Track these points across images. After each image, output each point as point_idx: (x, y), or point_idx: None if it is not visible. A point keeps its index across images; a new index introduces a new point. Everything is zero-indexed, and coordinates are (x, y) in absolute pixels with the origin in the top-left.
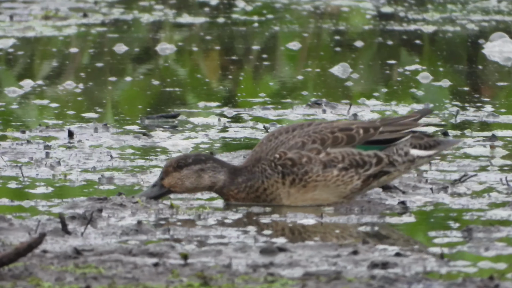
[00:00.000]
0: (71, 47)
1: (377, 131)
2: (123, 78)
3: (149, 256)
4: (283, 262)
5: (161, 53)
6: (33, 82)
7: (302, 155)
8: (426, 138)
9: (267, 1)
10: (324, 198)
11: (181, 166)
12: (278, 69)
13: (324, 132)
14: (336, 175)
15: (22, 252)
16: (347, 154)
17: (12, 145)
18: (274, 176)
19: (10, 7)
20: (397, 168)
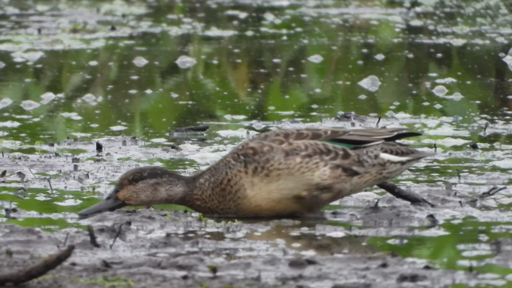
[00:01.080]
0: (96, 60)
1: (346, 133)
2: (150, 91)
3: (178, 269)
4: (312, 274)
5: (181, 66)
6: (54, 95)
7: (263, 144)
8: (398, 145)
9: (296, 14)
10: (291, 187)
11: (136, 180)
12: (307, 82)
13: (290, 130)
14: (299, 162)
15: (51, 264)
16: (310, 144)
17: (40, 157)
18: (237, 166)
19: (38, 20)
20: (367, 169)
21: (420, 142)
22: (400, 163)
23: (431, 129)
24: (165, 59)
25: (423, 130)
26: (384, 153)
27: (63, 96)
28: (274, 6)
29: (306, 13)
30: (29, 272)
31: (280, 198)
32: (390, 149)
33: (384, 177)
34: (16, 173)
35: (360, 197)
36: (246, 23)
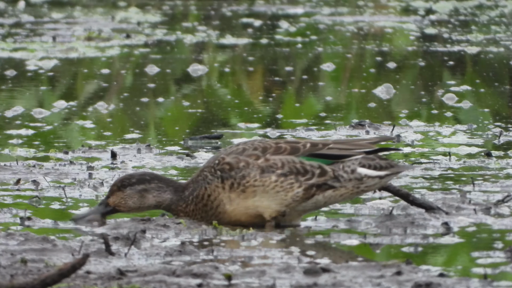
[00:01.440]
0: (110, 68)
1: (325, 147)
2: (164, 99)
3: (193, 276)
4: (327, 282)
5: (193, 74)
6: (66, 103)
7: (240, 160)
8: (378, 159)
9: (311, 22)
10: (266, 205)
11: (124, 186)
12: (321, 90)
13: (268, 143)
14: (274, 180)
15: (65, 273)
16: (288, 162)
17: (55, 165)
18: (214, 181)
19: (53, 28)
20: (342, 184)
21: (435, 150)
22: (378, 177)
23: (445, 137)
24: (177, 67)
25: (438, 138)
26: (361, 168)
27: (77, 104)
28: (289, 14)
29: (321, 21)
30: (44, 280)
31: (256, 214)
32: (369, 163)
33: (362, 190)
34: (31, 181)
35: (375, 205)
36: (261, 31)
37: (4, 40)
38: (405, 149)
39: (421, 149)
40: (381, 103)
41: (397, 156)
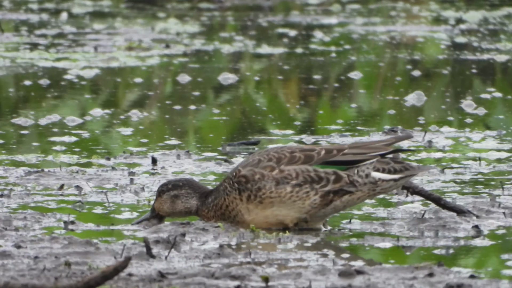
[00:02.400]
0: (151, 77)
1: (340, 152)
2: (197, 107)
3: (231, 279)
4: (361, 284)
5: (223, 82)
6: (102, 111)
7: (255, 172)
8: (392, 163)
9: (344, 32)
10: (285, 214)
11: (163, 191)
12: (355, 97)
13: (283, 152)
14: (290, 191)
15: (108, 275)
16: (302, 171)
17: (97, 171)
18: (232, 193)
19: (95, 39)
20: (358, 188)
21: (465, 155)
22: (393, 180)
23: (475, 143)
24: (210, 76)
25: (468, 143)
26: (375, 172)
27: (116, 112)
28: (323, 24)
29: (354, 31)
30: (88, 283)
31: (277, 222)
32: (383, 167)
33: (379, 192)
34: (74, 186)
35: (407, 209)
36: (296, 40)
37: (47, 50)
38: (436, 154)
39: (452, 154)
40: (412, 110)
41: (429, 161)
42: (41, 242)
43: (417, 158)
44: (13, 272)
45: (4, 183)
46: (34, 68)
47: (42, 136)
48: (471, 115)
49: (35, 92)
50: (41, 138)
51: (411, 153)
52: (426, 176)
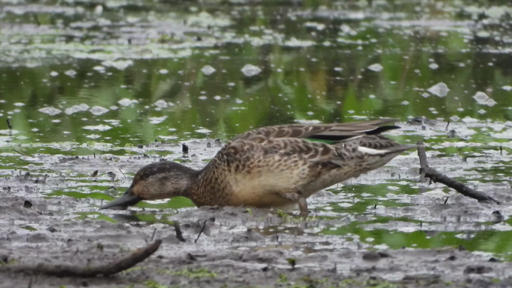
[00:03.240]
0: (182, 69)
1: (327, 129)
2: (225, 97)
3: (258, 261)
4: (384, 267)
5: (247, 74)
6: (130, 101)
7: (244, 143)
8: (378, 138)
9: (371, 26)
10: (272, 184)
11: (147, 174)
12: (380, 89)
13: (272, 127)
14: (278, 160)
15: (139, 257)
16: (290, 142)
17: (129, 159)
18: (221, 165)
19: (129, 31)
20: (346, 162)
21: (487, 144)
22: (379, 155)
23: (496, 133)
24: (238, 67)
25: (489, 133)
26: (362, 147)
27: (146, 102)
28: (350, 18)
29: (380, 25)
30: (119, 264)
31: (264, 193)
32: (369, 142)
33: (365, 168)
34: (107, 173)
35: (430, 195)
36: (324, 34)
37: (82, 42)
38: (459, 143)
39: (473, 143)
40: (436, 101)
41: (451, 150)
42: (75, 226)
43: (440, 147)
44: (47, 254)
45: (40, 170)
46: (69, 59)
47: (76, 125)
48: (491, 107)
49: (67, 82)
50: (75, 126)
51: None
52: (449, 164)
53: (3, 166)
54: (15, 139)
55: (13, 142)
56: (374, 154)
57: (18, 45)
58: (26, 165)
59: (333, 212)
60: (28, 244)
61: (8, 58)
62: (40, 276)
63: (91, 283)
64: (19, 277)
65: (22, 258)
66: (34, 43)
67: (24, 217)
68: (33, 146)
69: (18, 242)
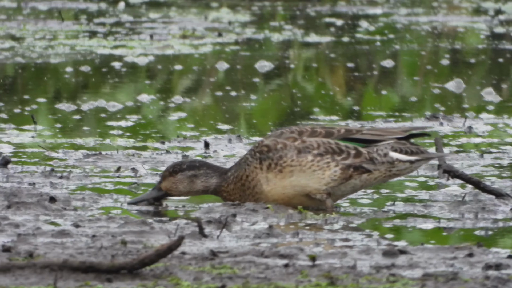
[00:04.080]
0: (201, 65)
1: (359, 132)
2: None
3: (279, 257)
4: (404, 263)
5: (260, 70)
6: (152, 97)
7: (277, 142)
8: (408, 144)
9: (389, 22)
10: (303, 185)
11: (176, 171)
12: (398, 84)
13: (305, 127)
14: (311, 160)
15: (162, 253)
16: (323, 143)
17: (152, 154)
18: (253, 162)
19: (151, 27)
20: (376, 167)
21: (504, 140)
22: (409, 162)
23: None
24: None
25: (506, 129)
26: (393, 152)
27: (165, 97)
28: (368, 14)
29: (398, 21)
30: (142, 260)
31: (294, 194)
32: (400, 147)
33: (394, 174)
34: (130, 168)
35: (448, 192)
36: (343, 29)
37: (105, 38)
38: (476, 140)
39: (490, 139)
40: (453, 97)
41: (469, 146)
42: (99, 222)
43: (458, 143)
44: (72, 250)
45: (64, 166)
46: (92, 55)
47: (99, 120)
48: (509, 101)
49: (91, 78)
50: (98, 122)
51: (451, 139)
52: (467, 160)
53: (28, 162)
54: (40, 135)
55: (38, 138)
56: (404, 160)
57: (42, 41)
58: (51, 161)
59: (352, 208)
60: (53, 240)
61: (33, 54)
62: (65, 272)
63: (115, 279)
64: (45, 273)
65: (48, 254)
66: (58, 39)
67: (49, 212)
68: (58, 142)
69: (43, 237)
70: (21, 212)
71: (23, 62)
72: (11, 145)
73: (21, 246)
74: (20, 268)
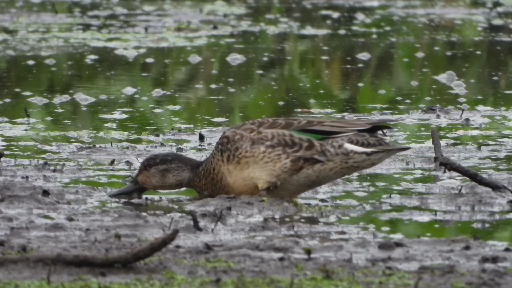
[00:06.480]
0: (198, 56)
1: (320, 123)
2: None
3: (275, 251)
4: (400, 256)
5: (232, 63)
6: (134, 89)
7: (236, 133)
8: (367, 136)
9: (385, 14)
10: (258, 176)
11: (150, 165)
12: (394, 77)
13: (268, 118)
14: (263, 151)
15: (156, 247)
16: (278, 134)
17: (146, 147)
18: (217, 155)
19: (145, 20)
20: (329, 158)
21: (501, 133)
22: (365, 154)
23: (510, 121)
24: (216, 56)
25: (503, 122)
26: (348, 144)
27: (137, 91)
28: (365, 6)
29: (395, 13)
30: (136, 254)
31: (255, 184)
32: (357, 139)
33: (352, 166)
34: (124, 161)
35: (444, 185)
36: (339, 22)
37: (99, 31)
38: (473, 132)
39: (488, 132)
40: (448, 89)
41: (466, 139)
42: (92, 215)
43: (455, 135)
44: (65, 244)
45: (57, 159)
46: (86, 48)
47: (93, 113)
48: (507, 94)
49: (84, 71)
50: (91, 115)
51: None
52: (463, 153)
53: (21, 155)
54: (33, 128)
55: (31, 131)
56: (360, 152)
57: (35, 33)
58: (44, 154)
59: (348, 201)
60: (47, 233)
61: (25, 47)
62: (58, 266)
63: (109, 273)
64: (38, 267)
65: (41, 248)
66: (51, 32)
67: (42, 206)
68: (51, 135)
69: (36, 231)
70: (14, 205)
71: (16, 55)
72: (4, 138)
73: (14, 240)
74: (13, 262)
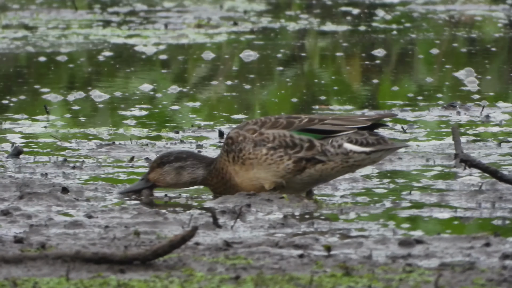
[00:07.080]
0: (216, 53)
1: (321, 122)
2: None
3: (294, 248)
4: (420, 253)
5: (245, 59)
6: (151, 86)
7: (239, 134)
8: (367, 135)
9: (405, 10)
10: (264, 177)
11: (163, 163)
12: (415, 73)
13: (270, 117)
14: (265, 153)
15: (176, 244)
16: (279, 135)
17: (166, 144)
18: (223, 155)
19: (165, 16)
20: (330, 158)
21: None
22: (364, 153)
23: None
24: (225, 53)
25: None
26: (348, 143)
27: (152, 88)
28: (385, 2)
29: (415, 10)
30: (156, 251)
31: (261, 184)
32: (357, 138)
33: (353, 165)
34: (144, 158)
35: (465, 181)
36: (359, 18)
37: (119, 27)
38: (493, 129)
39: (508, 128)
40: (469, 86)
41: (486, 135)
42: (112, 212)
43: (475, 132)
44: (84, 241)
45: (77, 156)
46: (105, 44)
47: (113, 110)
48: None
49: (104, 68)
50: (111, 111)
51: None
52: (484, 149)
53: (41, 152)
54: (52, 125)
55: (50, 128)
56: (359, 152)
57: (55, 30)
58: (64, 151)
59: (368, 198)
60: (66, 230)
61: (45, 44)
62: (77, 263)
63: (128, 270)
64: (57, 264)
65: (60, 245)
66: (71, 28)
67: (61, 203)
68: (70, 132)
69: (55, 228)
70: (33, 202)
71: (36, 51)
72: (23, 135)
73: (33, 237)
74: (32, 259)
